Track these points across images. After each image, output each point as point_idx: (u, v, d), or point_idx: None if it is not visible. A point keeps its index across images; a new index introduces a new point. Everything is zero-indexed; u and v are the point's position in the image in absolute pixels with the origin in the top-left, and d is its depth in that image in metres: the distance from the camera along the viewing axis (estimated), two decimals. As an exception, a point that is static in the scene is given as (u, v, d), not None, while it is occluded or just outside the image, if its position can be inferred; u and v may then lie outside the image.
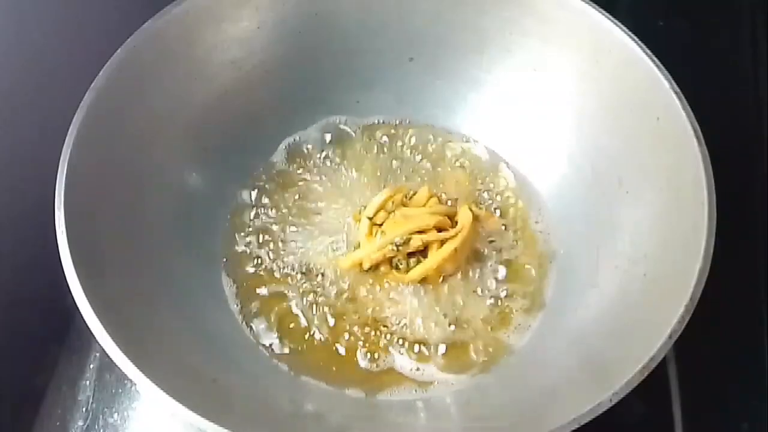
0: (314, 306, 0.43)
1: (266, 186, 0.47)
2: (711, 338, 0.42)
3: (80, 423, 0.43)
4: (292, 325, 0.42)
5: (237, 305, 0.43)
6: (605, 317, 0.38)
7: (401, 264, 0.43)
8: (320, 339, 0.42)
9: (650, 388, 0.31)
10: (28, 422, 0.44)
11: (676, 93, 0.37)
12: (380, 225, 0.43)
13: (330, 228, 0.46)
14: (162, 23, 0.41)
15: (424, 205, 0.45)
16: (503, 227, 0.46)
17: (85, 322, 0.32)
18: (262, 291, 0.44)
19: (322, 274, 0.44)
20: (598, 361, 0.35)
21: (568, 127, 0.44)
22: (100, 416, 0.43)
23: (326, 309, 0.43)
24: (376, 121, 0.50)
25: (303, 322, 0.42)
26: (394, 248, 0.42)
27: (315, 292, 0.43)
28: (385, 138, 0.49)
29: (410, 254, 0.43)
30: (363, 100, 0.49)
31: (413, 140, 0.49)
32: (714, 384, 0.43)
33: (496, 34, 0.44)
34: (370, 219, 0.43)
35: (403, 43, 0.46)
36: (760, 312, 0.44)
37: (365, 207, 0.44)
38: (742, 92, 0.51)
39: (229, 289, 0.43)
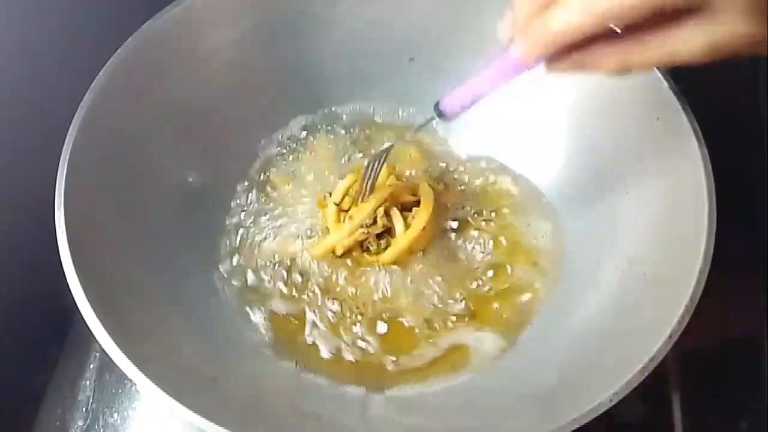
0: (312, 303, 0.43)
1: (266, 186, 0.47)
2: (711, 338, 0.42)
3: (80, 423, 0.43)
4: (291, 325, 0.42)
5: (237, 305, 0.43)
6: (605, 317, 0.38)
7: (371, 246, 0.43)
8: (320, 339, 0.42)
9: (650, 388, 0.31)
10: (28, 422, 0.44)
11: (676, 93, 0.37)
12: (347, 210, 0.43)
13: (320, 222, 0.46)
14: (162, 23, 0.41)
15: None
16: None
17: (85, 322, 0.32)
18: (263, 291, 0.43)
19: (311, 270, 0.44)
20: (598, 361, 0.35)
21: (568, 127, 0.44)
22: (100, 416, 0.43)
23: (322, 303, 0.43)
24: (376, 121, 0.50)
25: (302, 320, 0.42)
26: (365, 231, 0.42)
27: (308, 288, 0.43)
28: (385, 138, 0.49)
29: (379, 236, 0.43)
30: (363, 100, 0.49)
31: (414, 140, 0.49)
32: (714, 384, 0.43)
33: (496, 33, 0.44)
34: (337, 205, 0.43)
35: (403, 43, 0.47)
36: (760, 312, 0.44)
37: (329, 194, 0.45)
38: (742, 92, 0.51)
39: (229, 289, 0.43)
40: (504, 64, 0.30)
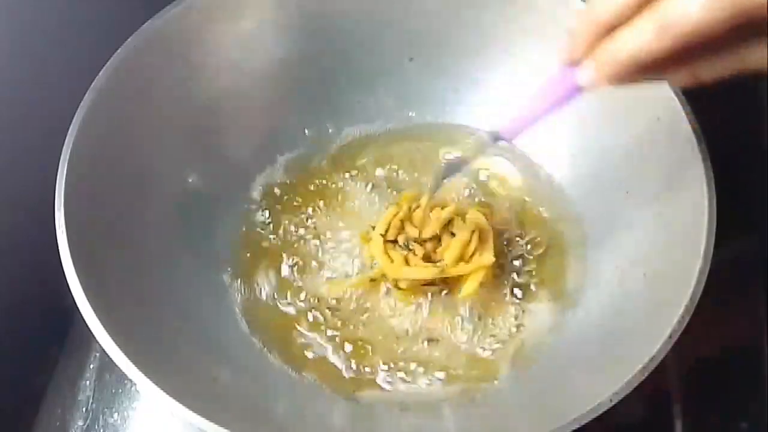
0: (313, 309, 0.43)
1: (266, 186, 0.47)
2: (711, 338, 0.42)
3: (80, 423, 0.43)
4: (292, 329, 0.42)
5: (237, 305, 0.43)
6: (605, 317, 0.38)
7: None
8: (320, 343, 0.42)
9: (650, 388, 0.31)
10: (28, 422, 0.44)
11: (676, 93, 0.37)
12: (393, 242, 0.42)
13: (335, 236, 0.45)
14: (162, 23, 0.41)
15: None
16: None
17: (85, 322, 0.32)
18: (264, 292, 0.43)
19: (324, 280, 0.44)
20: (598, 361, 0.35)
21: (568, 127, 0.44)
22: (100, 416, 0.43)
23: (324, 313, 0.43)
24: (374, 122, 0.49)
25: (303, 325, 0.42)
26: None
27: (314, 298, 0.43)
28: (385, 141, 0.49)
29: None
30: (363, 100, 0.49)
31: (413, 143, 0.49)
32: (714, 384, 0.43)
33: (496, 33, 0.45)
34: (383, 236, 0.42)
35: (403, 43, 0.47)
36: (760, 312, 0.44)
37: (373, 228, 0.43)
38: (742, 92, 0.51)
39: (229, 289, 0.43)
40: (565, 87, 0.29)
